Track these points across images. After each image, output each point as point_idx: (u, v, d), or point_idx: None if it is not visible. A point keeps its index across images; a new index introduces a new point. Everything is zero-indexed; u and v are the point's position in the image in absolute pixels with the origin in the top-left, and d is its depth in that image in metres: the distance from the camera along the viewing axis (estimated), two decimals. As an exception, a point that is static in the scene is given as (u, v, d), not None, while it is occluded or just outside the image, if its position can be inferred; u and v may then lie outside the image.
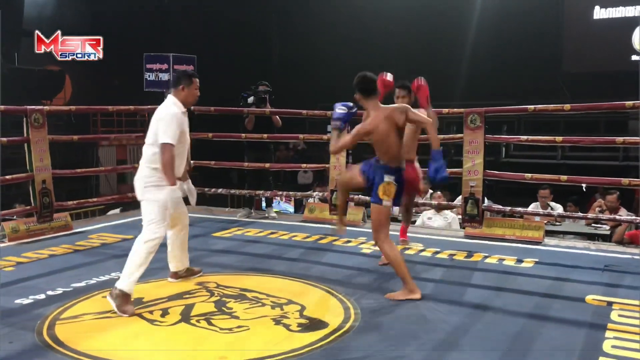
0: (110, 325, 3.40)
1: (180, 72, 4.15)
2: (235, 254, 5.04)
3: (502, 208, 5.88)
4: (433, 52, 13.14)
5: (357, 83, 3.90)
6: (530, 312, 3.63)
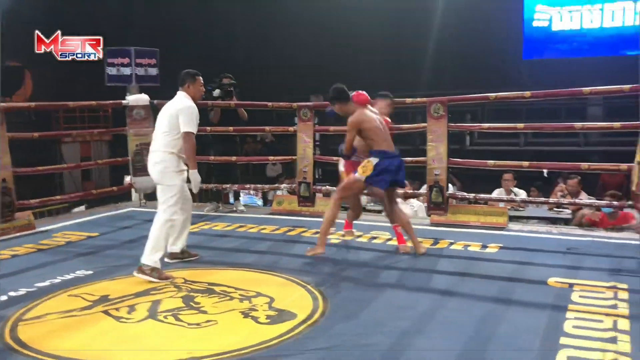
0: (75, 324, 3.34)
1: (183, 73, 4.44)
2: (203, 249, 5.00)
3: (466, 195, 5.98)
4: (398, 44, 13.20)
5: (334, 96, 4.65)
6: (495, 296, 3.70)
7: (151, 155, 4.30)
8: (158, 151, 4.25)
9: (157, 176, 4.24)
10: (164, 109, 4.35)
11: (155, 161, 4.24)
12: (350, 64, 13.48)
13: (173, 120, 4.21)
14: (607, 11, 12.13)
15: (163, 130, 4.25)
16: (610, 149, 11.09)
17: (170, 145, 4.21)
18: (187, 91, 4.36)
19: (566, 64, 12.20)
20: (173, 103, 4.32)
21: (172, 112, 4.24)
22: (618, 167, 5.11)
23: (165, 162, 4.20)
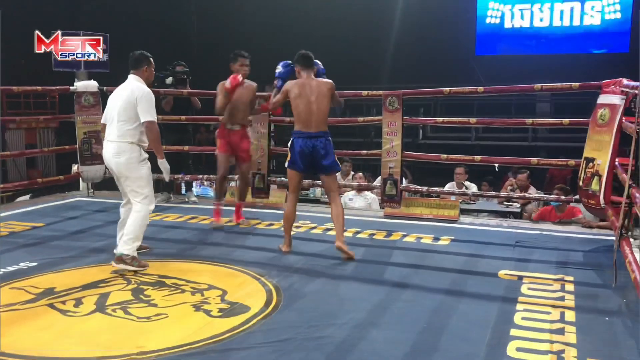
0: (18, 317, 3.21)
1: (138, 54, 4.22)
2: (154, 241, 4.87)
3: (419, 188, 6.04)
4: (358, 38, 13.24)
5: None
6: (447, 288, 3.75)
7: (109, 146, 4.07)
8: (117, 142, 4.03)
9: (122, 168, 4.03)
10: (117, 95, 4.12)
11: (116, 152, 4.02)
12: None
13: (131, 108, 4.01)
14: (556, 10, 12.48)
15: (121, 119, 4.02)
16: (557, 144, 11.46)
17: (129, 135, 4.02)
18: (142, 75, 4.15)
19: (517, 61, 12.52)
20: (128, 89, 4.09)
21: (130, 100, 4.01)
22: (566, 163, 5.25)
23: (127, 153, 4.01)
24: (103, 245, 4.64)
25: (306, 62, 4.50)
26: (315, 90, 4.41)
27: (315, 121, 4.38)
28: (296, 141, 4.41)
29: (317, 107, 4.39)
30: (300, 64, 4.51)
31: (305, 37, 13.30)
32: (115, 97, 4.13)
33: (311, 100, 4.38)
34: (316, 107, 4.38)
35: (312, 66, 4.52)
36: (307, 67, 4.50)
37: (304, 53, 4.54)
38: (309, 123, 4.38)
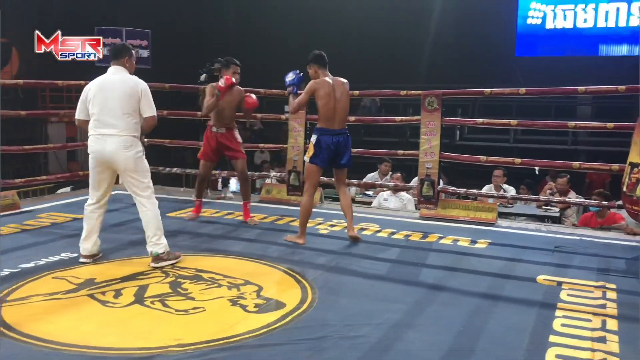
0: (60, 307, 3.29)
1: (119, 45, 4.22)
2: (191, 235, 4.96)
3: (457, 190, 5.97)
4: (394, 37, 13.17)
5: None
6: (483, 292, 3.70)
7: (114, 139, 3.93)
8: (125, 135, 3.94)
9: (130, 162, 3.96)
10: (111, 87, 3.95)
11: (124, 145, 3.94)
12: (345, 56, 13.42)
13: (134, 101, 3.95)
14: (600, 11, 12.18)
15: (125, 112, 3.94)
16: (597, 148, 11.19)
17: (134, 129, 3.99)
18: (124, 65, 4.04)
19: (557, 62, 12.26)
20: (127, 81, 3.98)
21: (132, 93, 3.95)
22: (610, 167, 5.12)
23: (136, 147, 3.99)
24: (141, 239, 4.67)
25: (323, 61, 4.66)
26: (339, 88, 4.61)
27: (338, 119, 4.61)
28: (322, 138, 4.59)
29: (341, 106, 4.61)
30: (318, 63, 4.65)
31: (341, 36, 13.32)
32: (109, 90, 3.96)
33: (336, 99, 4.58)
34: (340, 105, 4.60)
35: (326, 65, 4.68)
36: (324, 66, 4.67)
37: (319, 53, 4.68)
38: (333, 120, 4.59)
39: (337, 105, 4.58)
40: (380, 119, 8.81)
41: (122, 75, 4.02)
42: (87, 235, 4.10)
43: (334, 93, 4.57)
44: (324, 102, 4.55)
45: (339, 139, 4.61)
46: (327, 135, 4.59)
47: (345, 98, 4.63)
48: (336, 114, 4.58)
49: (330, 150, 4.60)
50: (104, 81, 4.02)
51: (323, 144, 4.58)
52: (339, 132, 4.61)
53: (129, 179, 4.03)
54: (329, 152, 4.60)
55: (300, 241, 4.67)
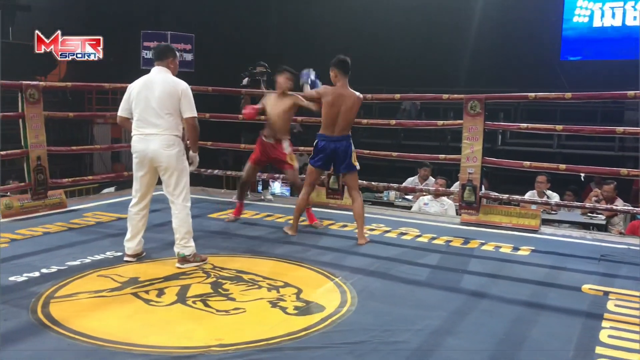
0: (105, 304, 3.37)
1: (163, 46, 4.28)
2: (231, 236, 5.02)
3: (499, 196, 5.87)
4: (434, 41, 13.06)
5: None
6: (526, 300, 3.62)
7: (157, 138, 3.97)
8: (167, 134, 3.98)
9: (172, 160, 3.99)
10: (151, 87, 3.99)
11: (167, 144, 3.98)
12: (385, 59, 13.38)
13: (175, 101, 3.99)
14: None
15: (167, 112, 3.97)
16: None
17: (177, 129, 4.03)
18: (168, 66, 4.08)
19: (604, 65, 11.93)
20: (168, 81, 4.02)
21: (173, 93, 3.98)
22: (660, 175, 4.96)
23: (178, 146, 4.04)
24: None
25: (344, 68, 4.75)
26: (349, 102, 4.75)
27: (339, 128, 4.78)
28: (319, 143, 4.87)
29: (345, 117, 4.76)
30: (339, 68, 4.75)
31: (382, 40, 13.28)
32: (150, 89, 4.00)
33: (341, 112, 4.74)
34: (344, 117, 4.76)
35: (348, 72, 4.77)
36: (345, 72, 4.76)
37: (342, 58, 4.76)
38: (332, 129, 4.79)
39: (339, 116, 4.74)
40: (422, 122, 8.74)
41: (164, 75, 4.05)
42: (131, 236, 4.19)
43: (339, 103, 4.72)
44: (326, 110, 4.76)
45: (336, 145, 4.80)
46: (324, 141, 4.84)
47: (350, 111, 4.76)
48: (337, 123, 4.76)
49: (326, 154, 4.84)
50: (147, 81, 4.07)
51: (319, 147, 4.86)
52: (337, 139, 4.80)
53: (168, 179, 4.07)
54: (324, 155, 4.85)
55: (291, 232, 5.02)
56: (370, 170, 10.07)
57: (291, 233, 5.03)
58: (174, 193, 4.08)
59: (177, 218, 4.07)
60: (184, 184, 4.09)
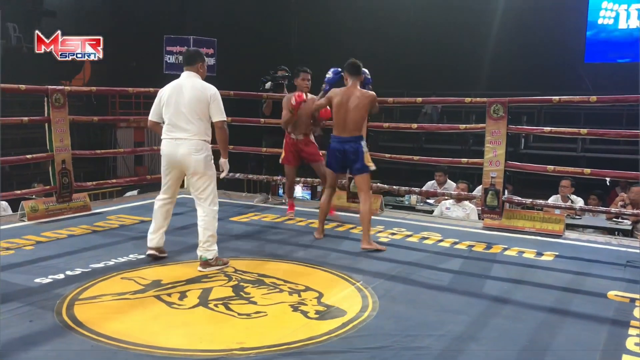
0: (128, 307, 3.40)
1: (193, 51, 4.32)
2: (253, 239, 5.03)
3: (522, 200, 5.80)
4: (454, 43, 12.99)
5: None
6: (550, 306, 3.57)
7: (187, 143, 4.03)
8: (197, 139, 4.05)
9: (200, 165, 4.05)
10: (181, 92, 4.05)
11: (196, 149, 4.04)
12: (406, 63, 13.35)
13: (204, 106, 4.04)
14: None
15: (196, 117, 4.03)
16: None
17: (205, 133, 4.09)
18: (197, 71, 4.14)
19: (629, 68, 11.74)
20: (197, 86, 4.06)
21: (202, 98, 4.03)
22: (687, 179, 4.86)
23: (207, 151, 4.10)
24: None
25: (353, 70, 4.84)
26: (355, 100, 4.75)
27: (348, 128, 4.79)
28: (331, 144, 4.92)
29: (352, 116, 4.77)
30: (348, 71, 4.86)
31: (403, 44, 13.25)
32: (180, 94, 4.05)
33: (348, 110, 4.76)
34: (351, 116, 4.77)
35: (358, 74, 4.83)
36: (354, 75, 4.84)
37: (352, 62, 4.86)
38: (342, 129, 4.81)
39: (347, 115, 4.76)
40: (444, 126, 8.67)
41: (193, 80, 4.10)
42: (155, 229, 4.30)
43: (347, 103, 4.75)
44: (336, 111, 4.82)
45: (345, 147, 4.81)
46: (335, 142, 4.87)
47: (358, 109, 4.76)
48: (346, 123, 4.78)
49: (336, 156, 4.88)
50: (177, 86, 4.11)
51: (331, 148, 4.91)
52: (347, 139, 4.80)
53: (195, 182, 4.10)
54: (335, 157, 4.89)
55: (317, 236, 5.06)
56: (391, 174, 10.06)
57: (317, 236, 5.05)
58: (201, 197, 4.13)
59: (203, 221, 4.10)
60: (212, 188, 4.13)
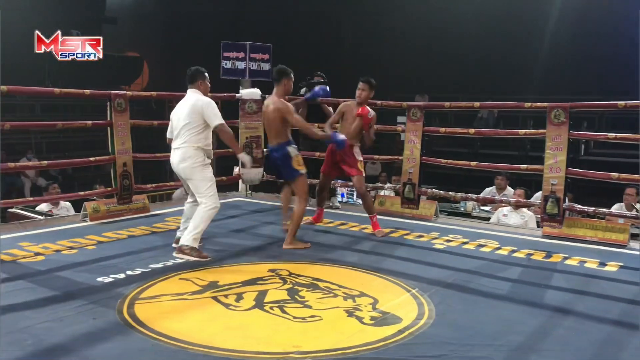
0: (187, 307, 3.46)
1: (193, 69, 4.58)
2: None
3: (584, 208, 5.61)
4: (508, 46, 12.73)
5: None
6: (616, 319, 3.44)
7: (177, 152, 4.42)
8: (183, 147, 4.39)
9: (187, 171, 4.41)
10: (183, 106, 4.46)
11: (181, 157, 4.39)
12: (458, 65, 13.18)
13: (197, 116, 4.35)
14: None
15: (187, 127, 4.38)
16: None
17: (195, 140, 4.38)
18: (198, 88, 4.49)
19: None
20: (192, 100, 4.42)
21: (194, 109, 4.36)
22: None
23: (194, 158, 4.37)
24: (259, 244, 4.90)
25: (273, 76, 4.98)
26: (267, 110, 4.91)
27: (271, 137, 4.98)
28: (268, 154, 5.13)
29: (267, 127, 5.03)
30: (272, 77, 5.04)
31: (456, 47, 13.07)
32: (179, 110, 4.48)
33: (268, 119, 4.95)
34: (267, 127, 5.04)
35: (276, 81, 4.90)
36: (273, 81, 4.96)
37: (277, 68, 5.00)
38: (269, 139, 5.02)
39: (267, 125, 5.01)
40: (502, 131, 8.47)
41: (192, 96, 4.45)
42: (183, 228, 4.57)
43: (266, 112, 4.94)
44: None
45: (273, 155, 4.95)
46: (269, 152, 5.07)
47: (270, 120, 4.90)
48: (270, 132, 4.98)
49: (272, 165, 5.09)
50: (180, 103, 4.54)
51: (268, 158, 5.18)
52: (274, 148, 4.95)
53: (190, 185, 4.47)
54: (273, 166, 5.07)
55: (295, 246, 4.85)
56: (446, 180, 9.92)
57: (298, 247, 4.82)
58: (197, 196, 4.46)
59: (197, 212, 4.39)
60: (205, 190, 4.38)
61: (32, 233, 5.10)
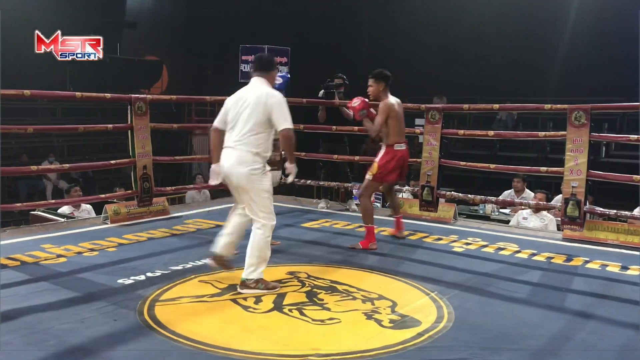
0: (206, 309, 3.49)
1: (268, 56, 4.03)
2: (325, 246, 5.05)
3: (606, 211, 5.54)
4: (530, 45, 12.63)
5: None
6: (638, 323, 3.39)
7: (233, 154, 3.73)
8: (240, 150, 3.71)
9: (242, 179, 3.71)
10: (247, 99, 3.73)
11: (238, 161, 3.71)
12: (476, 67, 13.10)
13: (262, 115, 3.68)
14: None
15: (250, 126, 3.70)
16: None
17: (255, 144, 3.71)
18: (269, 78, 3.83)
19: None
20: (262, 94, 3.70)
21: (263, 106, 3.67)
22: None
23: (252, 164, 3.69)
24: (278, 247, 4.90)
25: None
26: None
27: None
28: None
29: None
30: None
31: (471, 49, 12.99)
32: (243, 103, 3.74)
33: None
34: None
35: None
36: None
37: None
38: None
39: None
40: (522, 134, 8.39)
41: (260, 88, 3.77)
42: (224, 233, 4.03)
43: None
44: None
45: None
46: None
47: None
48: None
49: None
50: (243, 93, 3.81)
51: None
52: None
53: (243, 197, 3.79)
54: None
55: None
56: (465, 182, 9.86)
57: None
58: (252, 213, 3.79)
59: (252, 240, 3.77)
60: (261, 203, 3.74)
61: (54, 235, 5.18)
